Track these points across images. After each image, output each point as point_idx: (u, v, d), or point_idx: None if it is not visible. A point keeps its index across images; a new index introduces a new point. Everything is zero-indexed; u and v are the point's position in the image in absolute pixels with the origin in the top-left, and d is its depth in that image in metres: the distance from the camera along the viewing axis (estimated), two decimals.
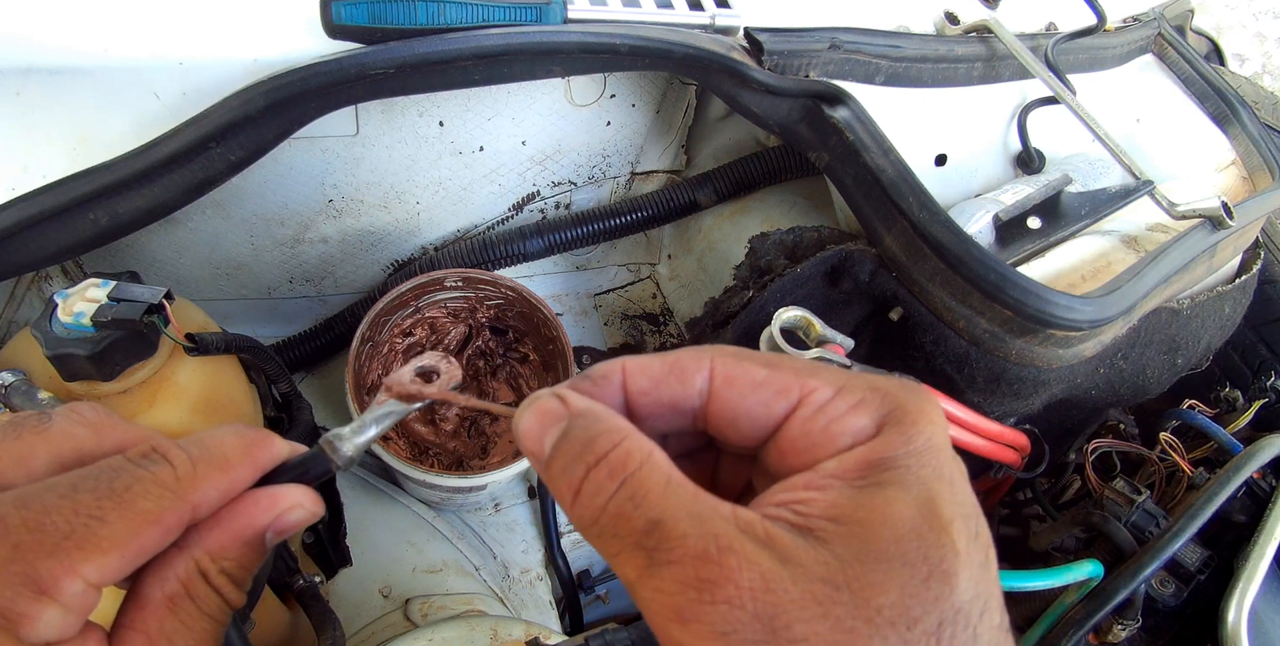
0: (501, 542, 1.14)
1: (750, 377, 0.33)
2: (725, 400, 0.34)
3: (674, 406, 0.34)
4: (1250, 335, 1.48)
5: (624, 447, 0.31)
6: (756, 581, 0.27)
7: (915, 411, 0.32)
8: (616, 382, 0.34)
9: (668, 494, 0.30)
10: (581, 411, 0.33)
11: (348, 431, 0.39)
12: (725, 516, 0.29)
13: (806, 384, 0.33)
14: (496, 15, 0.79)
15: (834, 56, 0.93)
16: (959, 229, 0.85)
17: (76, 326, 0.63)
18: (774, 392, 0.33)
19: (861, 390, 0.32)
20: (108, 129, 0.73)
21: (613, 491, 0.30)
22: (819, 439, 0.32)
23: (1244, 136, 1.28)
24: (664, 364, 0.34)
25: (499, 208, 1.15)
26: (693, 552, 0.28)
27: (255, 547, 0.36)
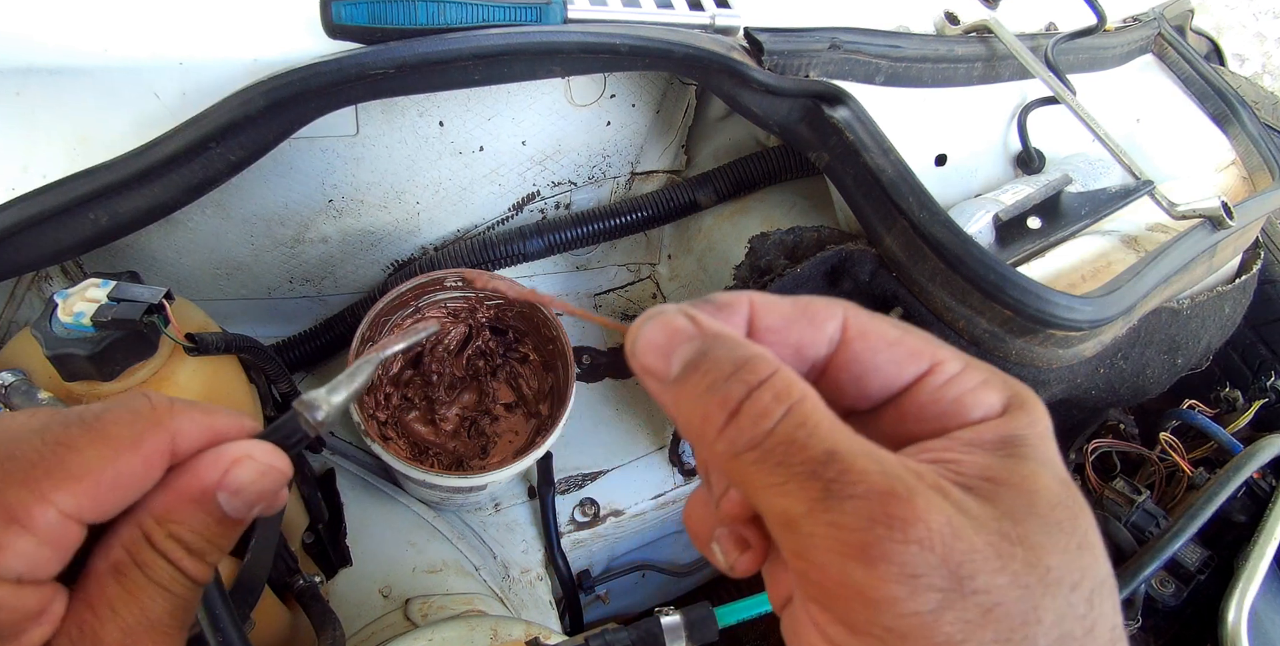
0: (501, 542, 1.14)
1: (884, 335, 0.33)
2: (858, 352, 0.33)
3: (799, 350, 0.33)
4: (1250, 335, 1.48)
5: (784, 375, 0.29)
6: (945, 525, 0.26)
7: (1031, 399, 0.32)
8: (743, 314, 0.32)
9: (838, 427, 0.28)
10: (718, 333, 0.31)
11: (323, 392, 0.37)
12: (895, 460, 0.28)
13: (938, 352, 0.32)
14: (496, 15, 0.79)
15: (834, 56, 0.93)
16: (959, 229, 0.85)
17: (76, 326, 0.63)
18: (907, 353, 0.32)
19: (986, 370, 0.33)
20: (108, 129, 0.73)
21: (779, 415, 0.28)
22: (950, 408, 0.32)
23: (1244, 136, 1.28)
24: (795, 305, 0.33)
25: (499, 208, 1.15)
26: (880, 488, 0.26)
27: (207, 509, 0.33)
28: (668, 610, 0.72)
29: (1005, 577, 0.26)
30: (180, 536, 0.33)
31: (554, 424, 0.96)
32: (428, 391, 1.08)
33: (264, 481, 0.34)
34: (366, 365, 0.39)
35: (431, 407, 1.08)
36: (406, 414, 1.07)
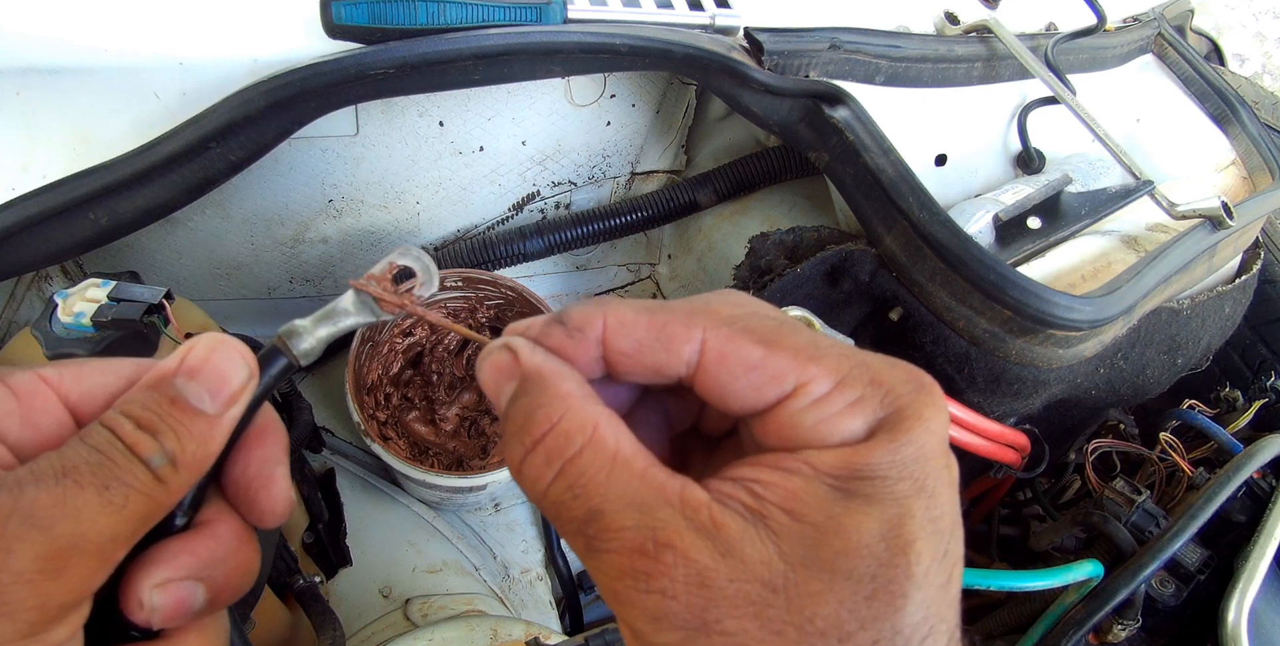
0: (501, 542, 1.14)
1: (744, 359, 0.31)
2: (714, 377, 0.31)
3: (656, 371, 0.32)
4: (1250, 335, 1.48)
5: (562, 427, 0.30)
6: (692, 577, 0.27)
7: (913, 416, 0.30)
8: (594, 338, 0.32)
9: (610, 479, 0.29)
10: (530, 373, 0.31)
11: (308, 322, 0.36)
12: (671, 501, 0.29)
13: (805, 371, 0.31)
14: (496, 15, 0.79)
15: (834, 56, 0.93)
16: (959, 229, 0.85)
17: (76, 326, 0.63)
18: (768, 377, 0.31)
19: (862, 385, 0.31)
20: (108, 129, 0.73)
21: (550, 479, 0.30)
22: (806, 434, 0.30)
23: (1244, 136, 1.28)
24: (650, 326, 0.32)
25: (499, 208, 1.15)
26: (629, 545, 0.28)
27: (160, 389, 0.32)
28: None
29: (756, 623, 0.27)
30: (129, 411, 0.32)
31: None
32: (428, 391, 1.08)
33: (219, 361, 0.33)
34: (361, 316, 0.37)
35: (431, 407, 1.08)
36: (406, 414, 1.07)
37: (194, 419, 0.32)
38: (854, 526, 0.28)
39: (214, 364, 0.33)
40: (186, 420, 0.32)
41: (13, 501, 0.28)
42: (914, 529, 0.28)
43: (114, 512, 0.30)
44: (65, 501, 0.29)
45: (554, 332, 0.33)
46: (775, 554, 0.28)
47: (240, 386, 0.33)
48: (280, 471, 0.36)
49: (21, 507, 0.28)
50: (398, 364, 1.08)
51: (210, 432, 0.33)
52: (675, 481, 0.29)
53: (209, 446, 0.33)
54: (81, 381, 0.33)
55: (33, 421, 0.32)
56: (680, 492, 0.29)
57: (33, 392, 0.32)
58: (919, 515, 0.29)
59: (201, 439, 0.32)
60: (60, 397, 0.33)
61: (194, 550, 0.33)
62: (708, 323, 0.32)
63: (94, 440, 0.31)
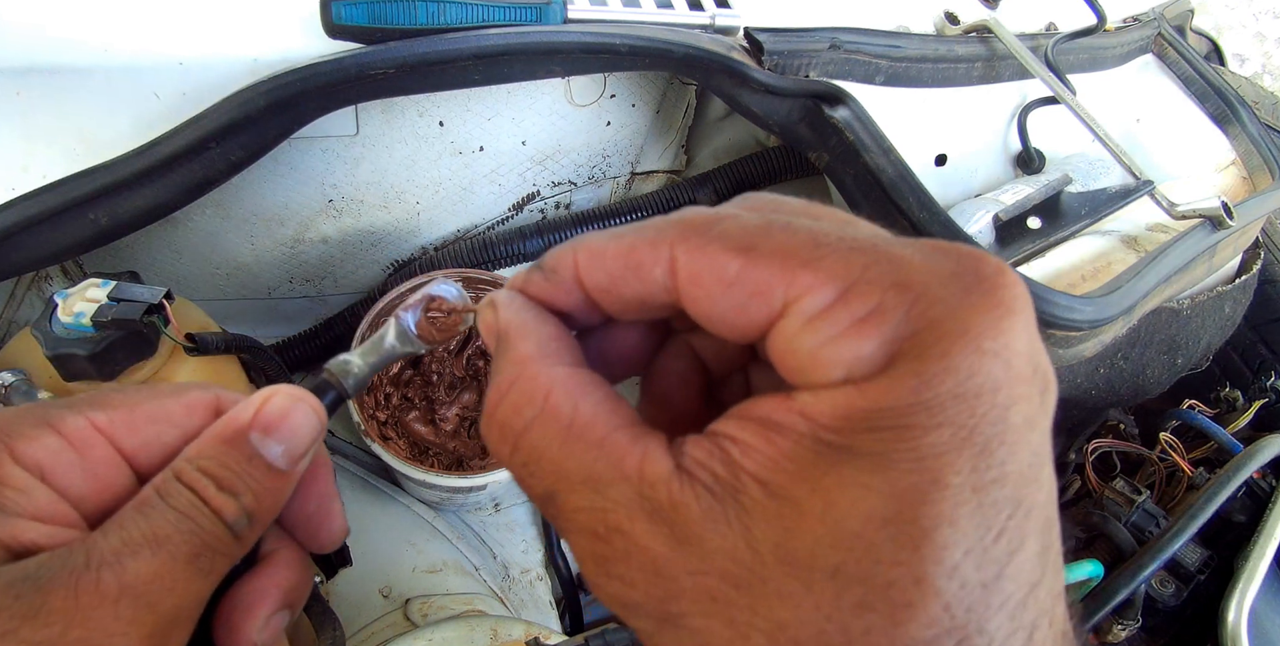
0: (501, 542, 1.14)
1: (719, 274, 0.24)
2: (694, 301, 0.25)
3: (642, 304, 0.27)
4: (1250, 335, 1.48)
5: (512, 398, 0.26)
6: (646, 565, 0.23)
7: (956, 331, 0.21)
8: (570, 278, 0.28)
9: (564, 454, 0.25)
10: (501, 332, 0.28)
11: (355, 358, 0.37)
12: (629, 475, 0.24)
13: (796, 280, 0.23)
14: (496, 15, 0.79)
15: (834, 56, 0.93)
16: (959, 229, 0.85)
17: (76, 326, 0.63)
18: (749, 294, 0.24)
19: (879, 289, 0.22)
20: (108, 129, 0.73)
21: (508, 454, 0.27)
22: (805, 364, 0.23)
23: (1244, 136, 1.28)
24: (618, 254, 0.27)
25: (499, 208, 1.15)
26: (584, 527, 0.25)
27: (238, 447, 0.32)
28: None
29: (719, 622, 0.22)
30: (207, 469, 0.31)
31: None
32: (428, 391, 1.08)
33: (297, 417, 0.33)
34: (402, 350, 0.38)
35: (431, 407, 1.08)
36: (406, 414, 1.07)
37: (269, 475, 0.32)
38: (844, 505, 0.21)
39: (292, 421, 0.33)
40: (262, 477, 0.32)
41: (118, 579, 0.28)
42: (940, 506, 0.20)
43: (203, 578, 0.30)
44: (164, 574, 0.29)
45: (534, 278, 0.29)
46: (743, 541, 0.22)
47: (312, 441, 0.33)
48: (337, 506, 0.36)
49: (128, 586, 0.28)
50: (398, 364, 1.08)
51: (283, 488, 0.33)
52: (636, 449, 0.25)
53: (280, 500, 0.33)
54: (136, 432, 0.32)
55: (94, 474, 0.31)
56: (639, 465, 0.24)
57: (89, 442, 0.31)
58: (955, 481, 0.21)
59: (275, 494, 0.32)
60: (115, 447, 0.32)
61: (279, 583, 0.34)
62: (675, 235, 0.25)
63: (177, 502, 0.30)
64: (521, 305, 0.29)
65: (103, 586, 0.27)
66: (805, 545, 0.21)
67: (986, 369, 0.21)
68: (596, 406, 0.26)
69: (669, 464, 0.24)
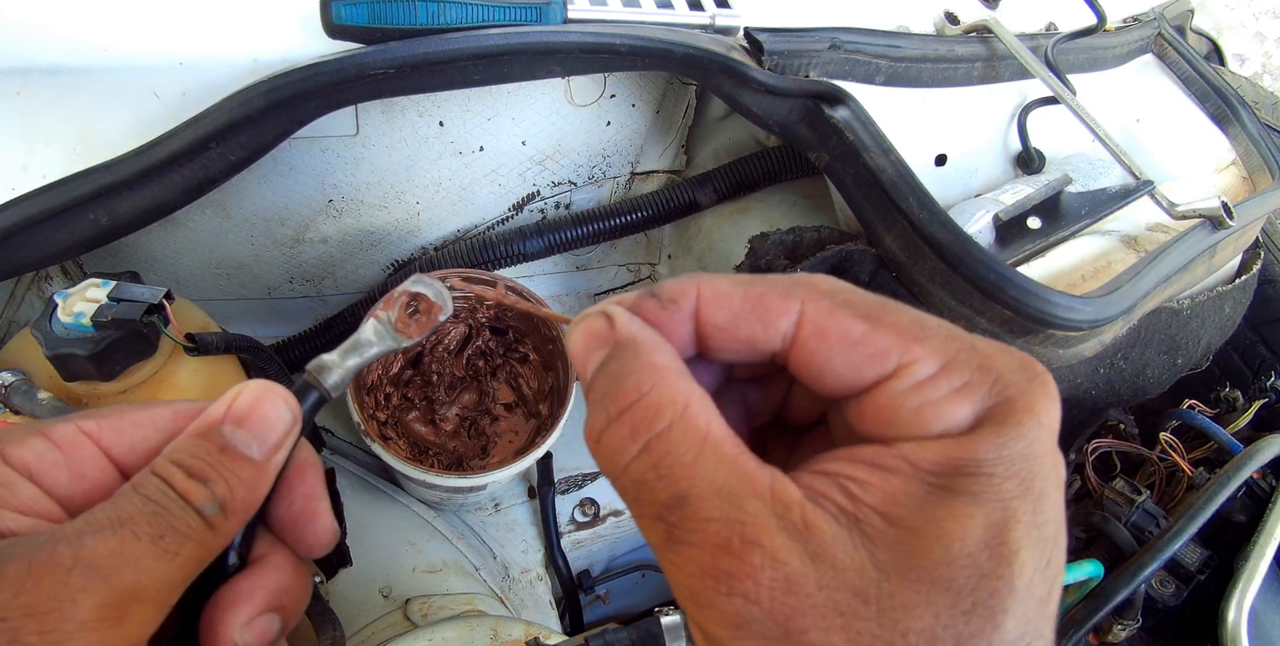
0: (501, 542, 1.14)
1: (845, 333, 0.29)
2: (812, 353, 0.29)
3: (751, 345, 0.30)
4: (1250, 335, 1.48)
5: (652, 399, 0.28)
6: (778, 581, 0.25)
7: (1024, 408, 0.27)
8: (687, 310, 0.30)
9: (698, 462, 0.27)
10: (624, 340, 0.29)
11: (335, 356, 0.37)
12: (761, 494, 0.26)
13: (909, 351, 0.28)
14: (496, 15, 0.79)
15: (834, 56, 0.93)
16: (959, 229, 0.85)
17: (76, 326, 0.63)
18: (869, 355, 0.28)
19: (970, 370, 0.28)
20: (108, 129, 0.73)
21: (634, 453, 0.27)
22: (907, 418, 0.28)
23: (1244, 136, 1.28)
24: (746, 297, 0.30)
25: (499, 208, 1.15)
26: (714, 540, 0.26)
27: (209, 438, 0.33)
28: (668, 610, 0.72)
29: (843, 636, 0.25)
30: (178, 459, 0.32)
31: (554, 424, 0.96)
32: (428, 391, 1.08)
33: (266, 408, 0.34)
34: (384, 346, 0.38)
35: (431, 407, 1.08)
36: (406, 414, 1.07)
37: (242, 465, 0.33)
38: (956, 531, 0.25)
39: (261, 411, 0.34)
40: (235, 467, 0.33)
41: (74, 552, 0.29)
42: (1019, 535, 0.26)
43: (169, 560, 0.30)
44: (123, 551, 0.29)
45: (648, 304, 0.31)
46: (869, 561, 0.25)
47: (285, 432, 0.34)
48: (323, 506, 0.37)
49: (83, 558, 0.29)
50: (398, 364, 1.08)
51: (258, 478, 0.33)
52: (765, 472, 0.27)
53: (256, 491, 0.34)
54: (123, 435, 0.34)
55: (80, 474, 0.32)
56: (771, 485, 0.27)
57: (76, 444, 0.33)
58: (1024, 520, 0.26)
59: (250, 484, 0.33)
60: (103, 450, 0.33)
61: (264, 586, 0.34)
62: (807, 294, 0.30)
63: (147, 490, 0.31)
64: (642, 323, 0.30)
65: (56, 557, 0.28)
66: (926, 564, 0.25)
67: (1043, 438, 0.27)
68: (725, 428, 0.28)
69: (798, 490, 0.27)
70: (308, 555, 0.37)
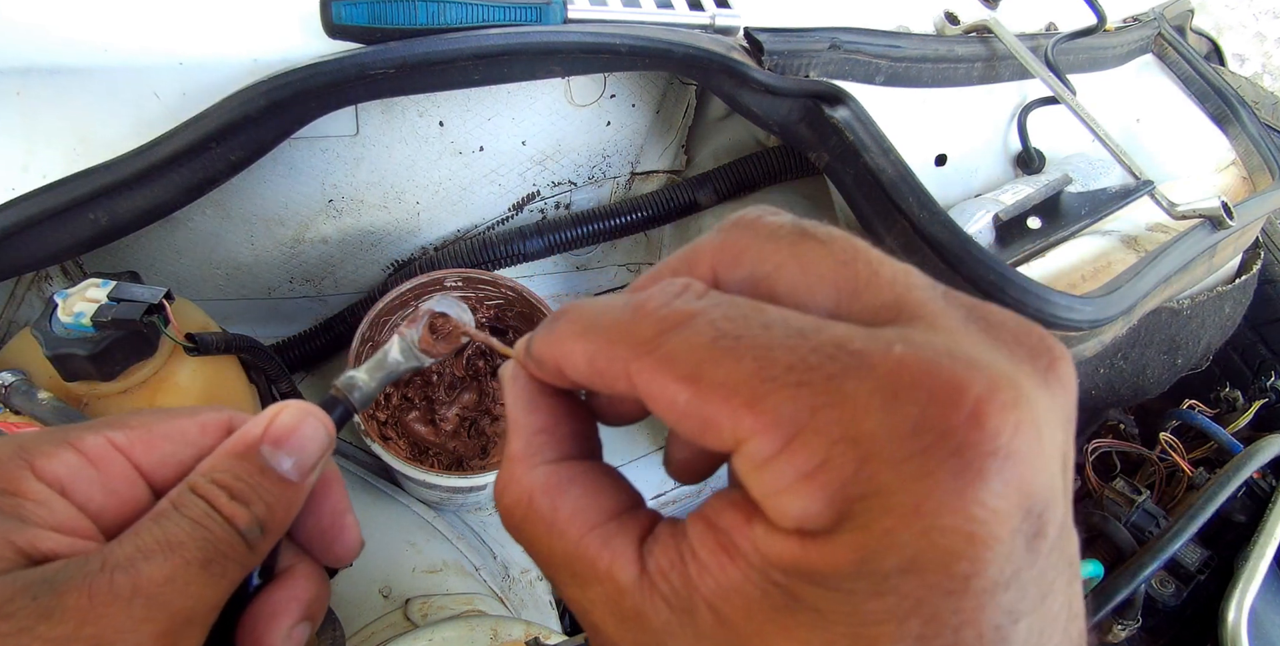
0: (501, 542, 1.14)
1: (670, 402, 0.23)
2: (660, 417, 0.25)
3: (616, 409, 0.31)
4: (1250, 335, 1.48)
5: (504, 503, 0.29)
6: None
7: (904, 507, 0.19)
8: (554, 371, 0.28)
9: (551, 549, 0.28)
10: (507, 418, 0.31)
11: (362, 373, 0.39)
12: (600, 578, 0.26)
13: (740, 422, 0.22)
14: (496, 15, 0.79)
15: (834, 56, 0.93)
16: (959, 229, 0.85)
17: (76, 326, 0.63)
18: (700, 427, 0.23)
19: (827, 444, 0.20)
20: (108, 129, 0.73)
21: (517, 538, 0.30)
22: (760, 501, 0.23)
23: (1244, 136, 1.28)
24: (584, 361, 0.26)
25: (499, 208, 1.15)
26: (578, 613, 0.28)
27: (249, 459, 0.33)
28: None
29: None
30: (220, 480, 0.33)
31: None
32: (428, 391, 1.08)
33: (305, 430, 0.34)
34: (409, 364, 0.39)
35: (431, 407, 1.08)
36: (406, 414, 1.07)
37: (282, 488, 0.33)
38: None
39: (301, 434, 0.34)
40: (276, 489, 0.33)
41: (132, 582, 0.29)
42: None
43: (216, 584, 0.31)
44: (176, 578, 0.30)
45: (528, 363, 0.30)
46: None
47: (321, 453, 0.35)
48: (350, 518, 0.38)
49: (142, 588, 0.29)
50: None
51: (294, 498, 0.34)
52: (606, 554, 0.26)
53: (292, 511, 0.34)
54: (153, 449, 0.34)
55: (112, 489, 0.33)
56: (609, 569, 0.25)
57: (108, 459, 0.33)
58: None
59: (287, 505, 0.34)
60: (134, 465, 0.34)
61: (298, 596, 0.35)
62: (628, 353, 0.24)
63: (192, 512, 0.32)
64: (521, 389, 0.30)
65: (116, 587, 0.28)
66: None
67: (941, 545, 0.19)
68: (574, 504, 0.28)
69: (634, 571, 0.25)
70: (335, 564, 0.38)
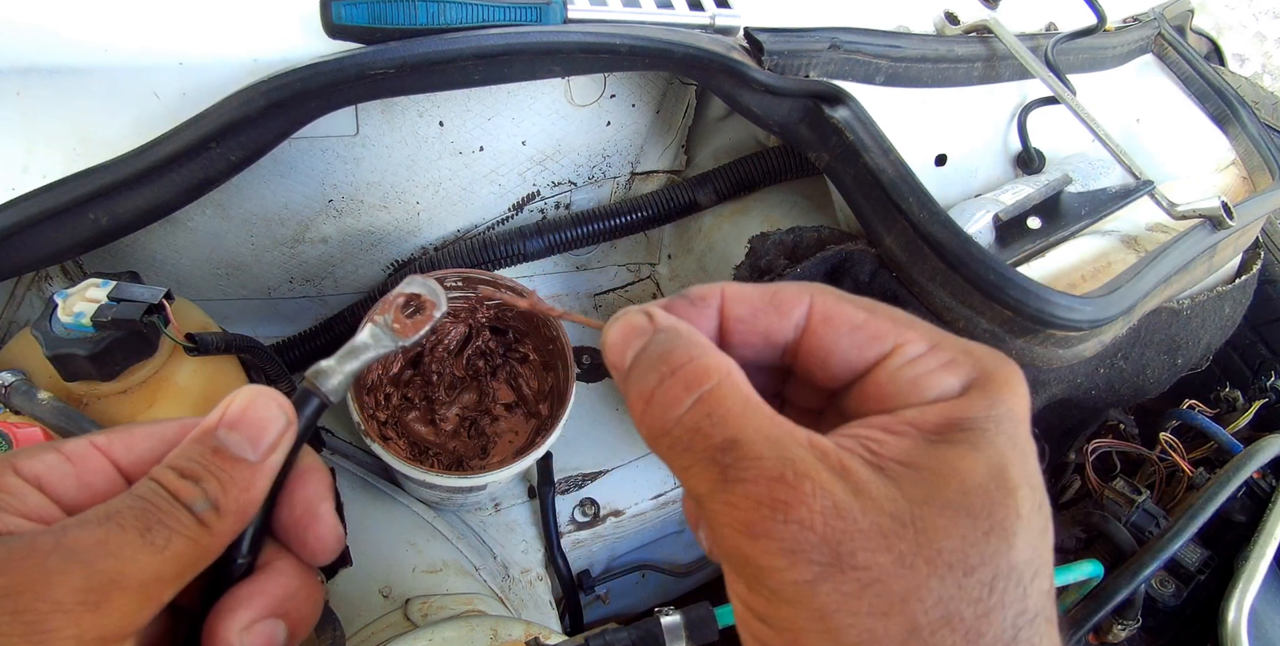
0: (501, 542, 1.14)
1: (849, 319, 0.34)
2: (821, 337, 0.34)
3: (767, 337, 0.35)
4: (1250, 335, 1.48)
5: (701, 362, 0.31)
6: (829, 507, 0.28)
7: (1001, 379, 0.32)
8: (714, 306, 0.35)
9: (745, 413, 0.30)
10: (665, 327, 0.33)
11: (333, 362, 0.38)
12: (801, 442, 0.30)
13: (903, 334, 0.33)
14: (496, 15, 0.79)
15: (834, 56, 0.93)
16: (959, 229, 0.85)
17: (76, 326, 0.63)
18: (869, 337, 0.34)
19: (954, 350, 0.33)
20: (108, 129, 0.73)
21: (688, 404, 0.30)
22: (905, 389, 0.32)
23: (1244, 136, 1.28)
24: (764, 294, 0.35)
25: (499, 208, 1.15)
26: (769, 473, 0.29)
27: (203, 443, 0.34)
28: (668, 610, 0.72)
29: (889, 556, 0.28)
30: (172, 462, 0.33)
31: (554, 424, 0.96)
32: (428, 391, 1.08)
33: (258, 410, 0.35)
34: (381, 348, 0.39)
35: (431, 407, 1.08)
36: (406, 414, 1.07)
37: (236, 466, 0.34)
38: (966, 470, 0.29)
39: (253, 414, 0.35)
40: (229, 467, 0.34)
41: (55, 540, 0.30)
42: (1015, 475, 0.30)
43: (156, 552, 0.31)
44: (107, 540, 0.30)
45: (679, 303, 0.35)
46: (900, 495, 0.29)
47: (279, 434, 0.35)
48: (325, 508, 0.38)
49: (64, 545, 0.29)
50: (398, 364, 1.08)
51: (253, 479, 0.34)
52: (800, 429, 0.30)
53: (252, 492, 0.34)
54: (132, 448, 0.35)
55: (87, 483, 0.33)
56: (809, 436, 0.30)
57: (85, 456, 0.34)
58: (1017, 465, 0.30)
59: (244, 484, 0.34)
60: (112, 462, 0.34)
61: (265, 590, 0.35)
62: (814, 290, 0.35)
63: (140, 490, 0.32)
64: (677, 317, 0.34)
65: (37, 544, 0.29)
66: (948, 495, 0.29)
67: (1020, 404, 0.32)
68: (759, 396, 0.31)
69: (829, 441, 0.30)
70: (312, 560, 0.38)
